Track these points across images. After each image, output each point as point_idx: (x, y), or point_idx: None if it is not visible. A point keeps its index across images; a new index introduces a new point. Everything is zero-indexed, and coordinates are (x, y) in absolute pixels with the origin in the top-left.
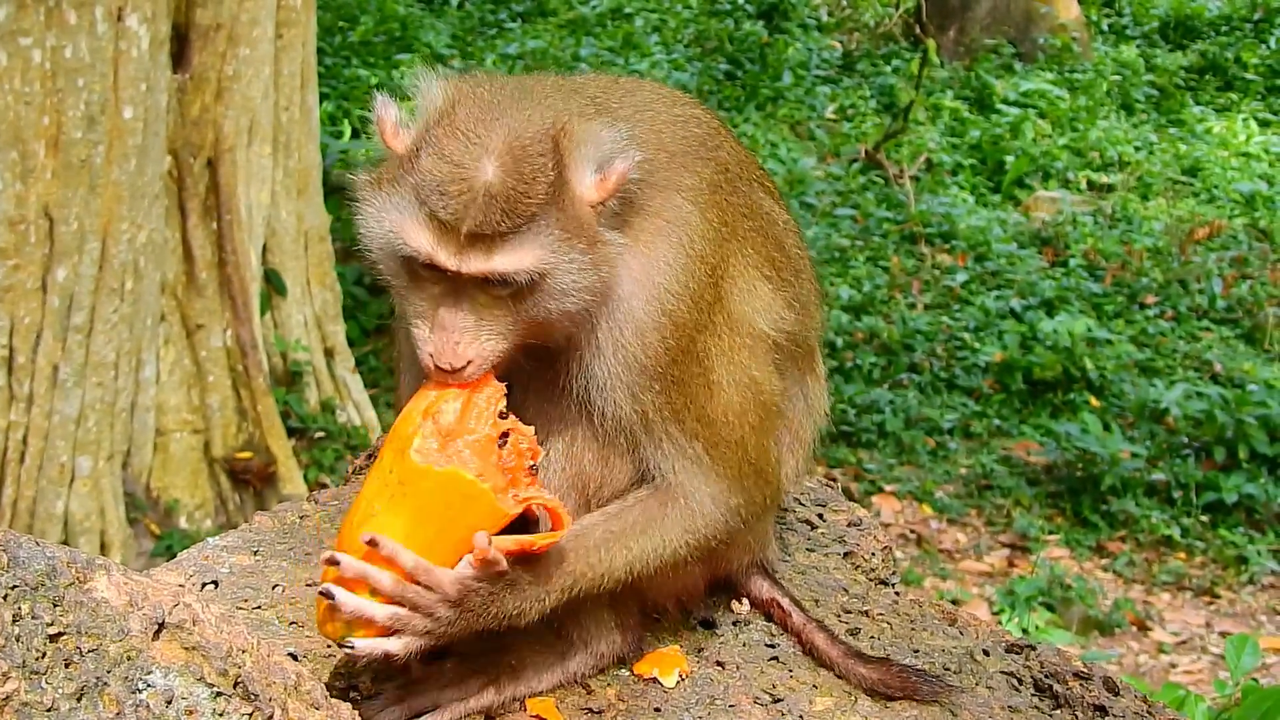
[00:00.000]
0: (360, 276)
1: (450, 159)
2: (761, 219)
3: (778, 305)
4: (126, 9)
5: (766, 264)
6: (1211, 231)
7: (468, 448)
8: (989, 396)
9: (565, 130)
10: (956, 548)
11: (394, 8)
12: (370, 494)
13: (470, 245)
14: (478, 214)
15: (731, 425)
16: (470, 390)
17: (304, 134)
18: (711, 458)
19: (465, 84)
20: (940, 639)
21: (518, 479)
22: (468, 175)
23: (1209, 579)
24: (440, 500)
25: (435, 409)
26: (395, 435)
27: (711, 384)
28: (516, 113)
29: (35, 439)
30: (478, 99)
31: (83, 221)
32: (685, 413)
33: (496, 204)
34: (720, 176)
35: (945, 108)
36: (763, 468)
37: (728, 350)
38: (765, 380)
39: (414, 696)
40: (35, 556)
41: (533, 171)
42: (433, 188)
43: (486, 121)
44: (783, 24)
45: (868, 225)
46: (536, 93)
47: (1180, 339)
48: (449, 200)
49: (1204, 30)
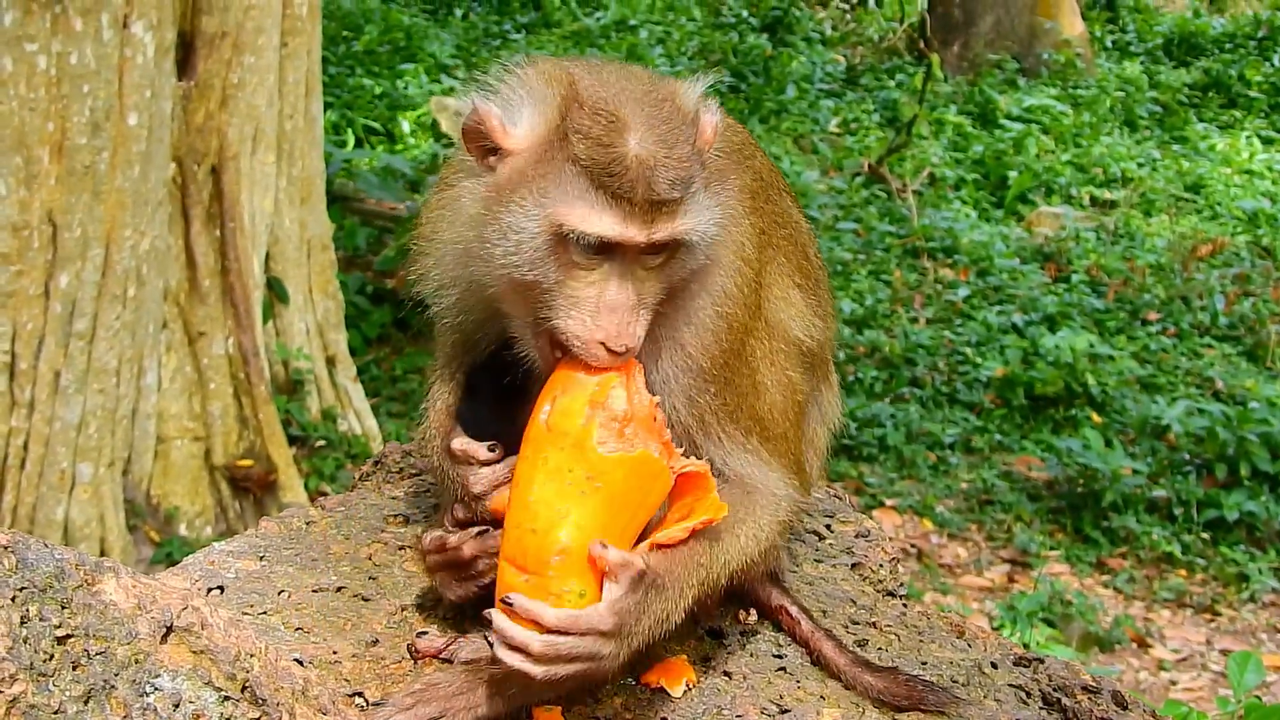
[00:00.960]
0: (362, 285)
1: (606, 140)
2: (791, 228)
3: (808, 313)
4: (132, 16)
5: (797, 272)
6: (1214, 248)
7: (640, 428)
8: (990, 411)
9: (677, 92)
10: (957, 563)
11: (398, 18)
12: (550, 498)
13: (655, 215)
14: (658, 184)
15: (778, 422)
16: (625, 372)
17: (308, 142)
18: (767, 451)
19: (564, 66)
20: (948, 651)
21: (671, 448)
22: (632, 151)
23: (1210, 596)
24: (635, 485)
25: (604, 398)
26: (557, 433)
27: (758, 384)
28: (633, 85)
29: (36, 445)
30: (587, 81)
31: (86, 228)
32: (739, 412)
33: (668, 171)
34: (757, 184)
35: (949, 122)
36: (801, 461)
37: (769, 353)
38: (800, 381)
39: (422, 704)
40: (44, 558)
41: (677, 135)
42: (603, 169)
43: (616, 99)
44: (787, 37)
45: (870, 239)
46: (617, 69)
47: (1182, 356)
48: (624, 178)
49: (1208, 48)
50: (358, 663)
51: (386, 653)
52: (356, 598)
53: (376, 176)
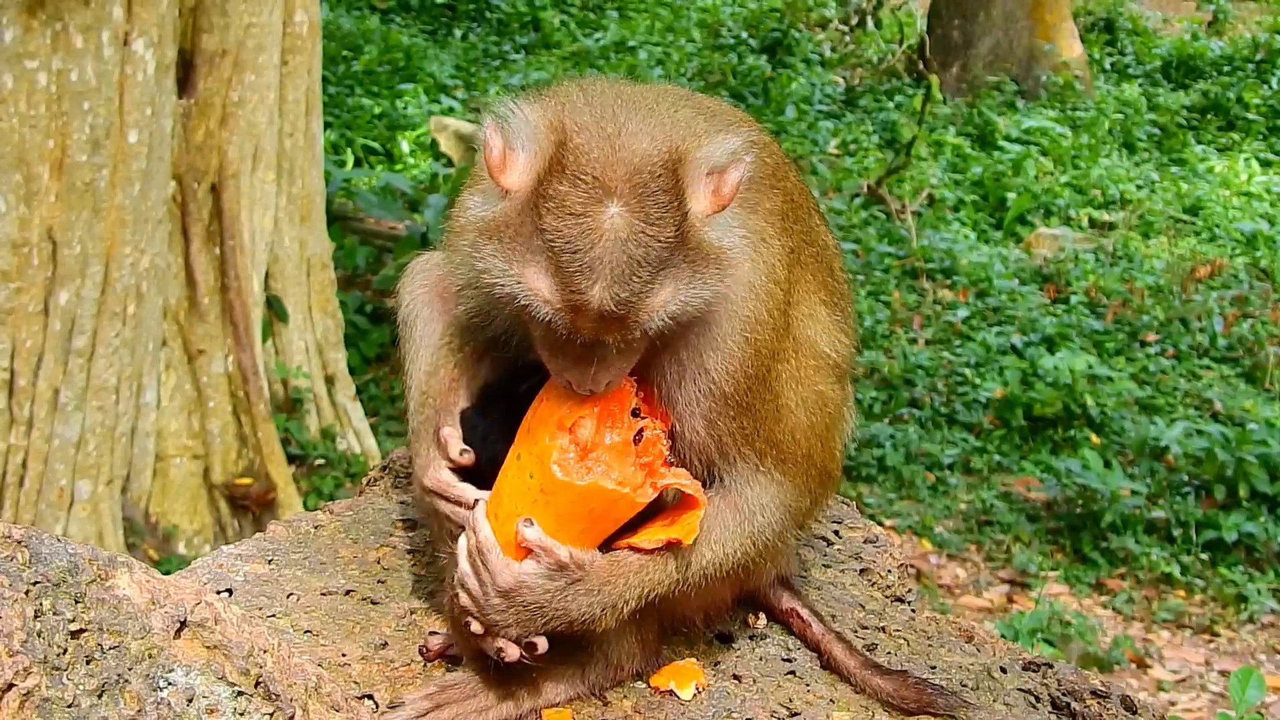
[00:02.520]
0: (362, 304)
1: (575, 212)
2: (818, 246)
3: (834, 330)
4: (133, 33)
5: (823, 289)
6: (1213, 270)
7: (606, 453)
8: (989, 432)
9: (682, 156)
10: (956, 583)
11: (398, 38)
12: (512, 492)
13: (604, 322)
14: (614, 279)
15: (799, 443)
16: (604, 401)
17: (308, 161)
18: (780, 473)
19: (570, 110)
20: (957, 656)
21: (655, 469)
22: (597, 232)
23: (1208, 617)
24: (583, 510)
25: (574, 423)
26: (533, 439)
27: (780, 408)
28: (633, 143)
29: (35, 462)
30: (589, 129)
31: (85, 245)
32: (756, 436)
33: (631, 263)
34: (788, 205)
35: (947, 144)
36: (829, 468)
37: (795, 373)
38: (829, 392)
39: (438, 706)
40: (57, 553)
41: (659, 211)
42: (560, 254)
43: (605, 161)
44: (786, 59)
45: (869, 260)
46: (644, 107)
47: (1181, 377)
48: (581, 269)
49: (1206, 70)
50: (367, 665)
51: (396, 655)
52: (365, 601)
53: (376, 196)
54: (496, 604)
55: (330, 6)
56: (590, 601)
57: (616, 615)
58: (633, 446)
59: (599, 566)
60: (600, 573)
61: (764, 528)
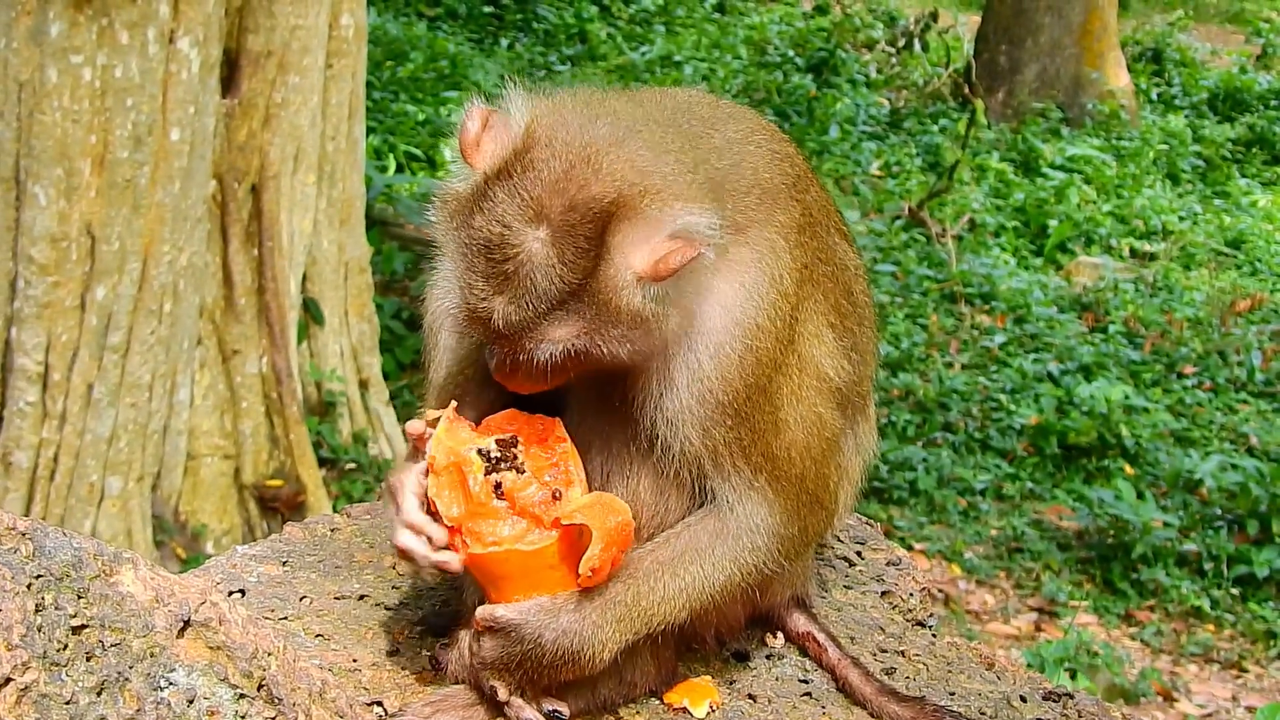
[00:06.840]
0: (398, 310)
1: (504, 223)
2: (834, 265)
3: (838, 354)
4: (179, 31)
5: (833, 311)
6: (1253, 304)
7: (469, 521)
8: (1023, 459)
9: (629, 210)
10: (984, 609)
11: (444, 46)
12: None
13: (504, 323)
14: (512, 299)
15: (794, 461)
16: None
17: (349, 165)
18: (773, 490)
19: (551, 121)
20: (977, 683)
21: (541, 516)
22: (515, 249)
23: (1237, 652)
24: (504, 571)
25: (457, 465)
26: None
27: (779, 422)
28: (585, 178)
29: (66, 457)
30: (553, 147)
31: (124, 241)
32: (752, 449)
33: (533, 290)
34: (805, 220)
35: (990, 169)
36: (820, 496)
37: (797, 389)
38: (829, 415)
39: (439, 714)
40: (61, 547)
41: (574, 255)
42: (480, 248)
43: (550, 186)
44: (832, 79)
45: (908, 282)
46: (626, 128)
47: (1217, 410)
48: (489, 275)
49: (1253, 104)
50: (377, 671)
51: (407, 662)
52: (379, 606)
53: (416, 202)
54: (487, 675)
55: (377, 11)
56: (567, 643)
57: (604, 650)
58: (496, 505)
59: (537, 611)
60: (542, 617)
61: (751, 550)
